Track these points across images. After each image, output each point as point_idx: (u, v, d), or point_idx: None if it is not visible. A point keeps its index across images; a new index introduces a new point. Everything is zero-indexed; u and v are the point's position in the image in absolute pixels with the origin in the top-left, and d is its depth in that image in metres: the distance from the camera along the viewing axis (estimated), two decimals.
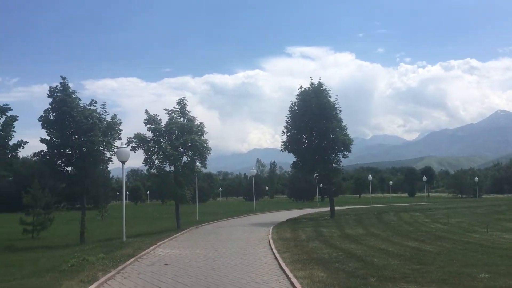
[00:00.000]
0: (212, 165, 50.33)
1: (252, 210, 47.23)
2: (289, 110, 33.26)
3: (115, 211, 53.64)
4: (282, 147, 33.78)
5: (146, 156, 27.26)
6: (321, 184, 67.31)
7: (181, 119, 27.96)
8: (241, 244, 18.04)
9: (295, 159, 33.84)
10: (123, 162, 21.27)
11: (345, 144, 32.07)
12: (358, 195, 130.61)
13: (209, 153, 28.29)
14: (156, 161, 27.45)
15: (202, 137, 27.90)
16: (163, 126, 27.38)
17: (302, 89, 32.64)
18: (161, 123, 27.58)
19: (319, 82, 32.44)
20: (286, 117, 33.50)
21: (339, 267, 11.51)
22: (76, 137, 23.53)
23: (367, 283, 9.35)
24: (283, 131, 33.74)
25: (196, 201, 39.04)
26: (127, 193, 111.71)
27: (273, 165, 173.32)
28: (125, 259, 14.02)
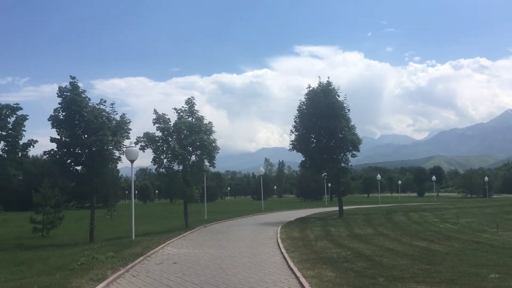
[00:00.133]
0: (220, 165, 50.34)
1: (260, 210, 47.22)
2: (298, 109, 33.21)
3: (124, 210, 53.91)
4: (291, 146, 33.71)
5: (155, 155, 27.39)
6: (330, 184, 67.02)
7: (190, 119, 28.03)
8: (250, 243, 18.04)
9: (304, 159, 33.75)
10: (132, 161, 21.34)
11: (354, 143, 31.95)
12: (366, 195, 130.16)
13: (217, 152, 28.36)
14: (165, 160, 27.56)
15: (211, 136, 27.96)
16: (171, 126, 27.47)
17: (311, 88, 32.57)
18: (170, 123, 27.68)
19: (327, 81, 32.38)
20: (294, 116, 33.45)
21: (348, 266, 11.47)
22: (86, 136, 23.68)
23: (376, 283, 9.31)
24: (291, 130, 33.71)
25: (205, 200, 39.08)
26: (136, 192, 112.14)
27: (281, 164, 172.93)
28: (134, 257, 14.07)
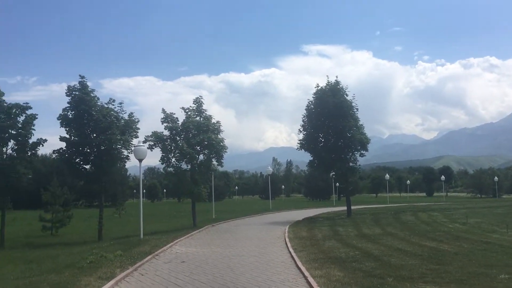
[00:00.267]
0: (228, 164, 50.40)
1: (268, 209, 47.18)
2: (306, 108, 33.12)
3: (132, 209, 54.14)
4: (299, 145, 33.62)
5: (163, 154, 27.45)
6: (338, 183, 66.88)
7: (198, 118, 28.07)
8: (257, 243, 18.03)
9: (312, 158, 33.65)
10: (140, 160, 21.43)
11: (362, 143, 31.82)
12: (374, 195, 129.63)
13: (225, 151, 28.39)
14: (173, 159, 27.64)
15: (219, 135, 28.00)
16: (179, 125, 27.53)
17: (319, 87, 32.47)
18: (178, 122, 27.75)
19: (335, 80, 32.27)
20: (302, 116, 33.35)
21: (356, 266, 11.42)
22: (94, 135, 23.83)
23: (384, 283, 9.26)
24: (299, 129, 33.62)
25: (213, 199, 39.12)
26: (144, 191, 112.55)
27: (289, 163, 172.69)
28: (142, 256, 14.13)
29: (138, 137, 25.11)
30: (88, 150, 24.08)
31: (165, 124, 27.50)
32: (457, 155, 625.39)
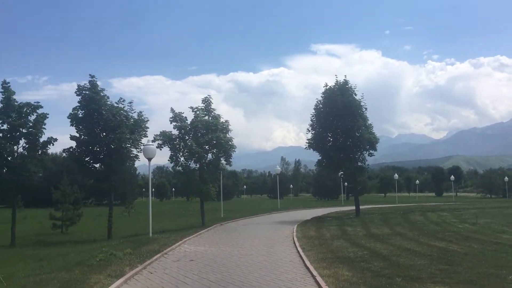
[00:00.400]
0: (236, 163, 50.43)
1: (276, 208, 47.16)
2: (314, 108, 33.03)
3: (141, 208, 54.41)
4: (307, 145, 33.54)
5: (172, 153, 27.56)
6: (346, 183, 66.75)
7: (206, 117, 28.15)
8: (266, 242, 18.05)
9: (320, 157, 33.58)
10: (149, 159, 21.54)
11: (371, 142, 31.68)
12: (383, 194, 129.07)
13: (233, 150, 28.42)
14: (182, 159, 27.73)
15: (227, 134, 28.07)
16: (188, 124, 27.62)
17: (327, 87, 32.38)
18: (187, 121, 27.84)
19: (344, 80, 32.13)
20: (311, 115, 33.27)
21: (365, 266, 11.40)
22: (104, 134, 23.98)
23: (393, 283, 9.24)
24: (308, 129, 33.53)
25: (221, 199, 39.20)
26: (153, 190, 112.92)
27: (297, 163, 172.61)
28: (151, 254, 14.21)
29: (147, 136, 25.26)
30: (98, 149, 24.24)
31: (174, 124, 27.61)
32: (467, 155, 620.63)
